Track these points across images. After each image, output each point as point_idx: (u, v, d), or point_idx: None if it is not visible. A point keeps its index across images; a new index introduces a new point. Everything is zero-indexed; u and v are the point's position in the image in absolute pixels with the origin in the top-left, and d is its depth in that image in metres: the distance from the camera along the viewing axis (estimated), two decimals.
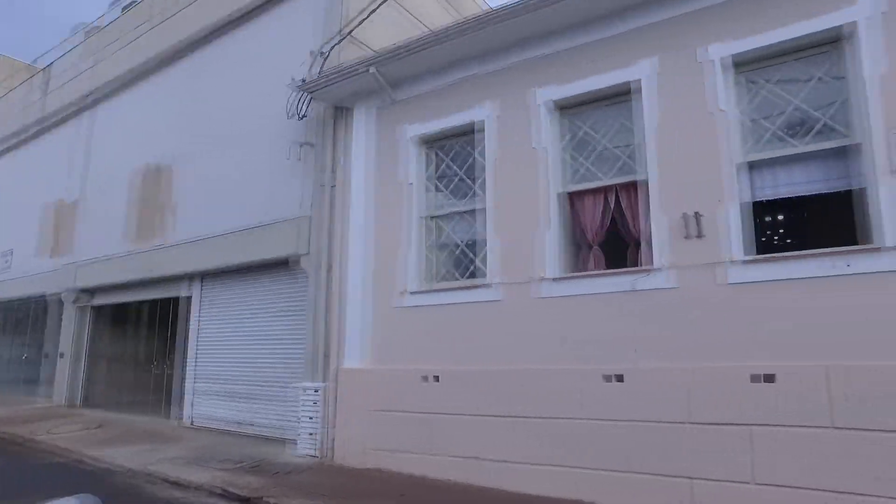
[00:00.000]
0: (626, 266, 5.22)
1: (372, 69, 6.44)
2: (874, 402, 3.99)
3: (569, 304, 5.25)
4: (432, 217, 6.56)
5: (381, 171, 6.81)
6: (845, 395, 4.08)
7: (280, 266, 7.82)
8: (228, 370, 8.58)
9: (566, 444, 5.03)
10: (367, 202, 6.82)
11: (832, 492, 4.01)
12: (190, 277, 9.38)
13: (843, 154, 4.52)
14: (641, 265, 5.04)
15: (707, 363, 4.57)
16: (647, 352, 4.83)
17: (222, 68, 9.45)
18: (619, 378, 4.90)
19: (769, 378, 4.34)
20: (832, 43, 4.64)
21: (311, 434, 6.72)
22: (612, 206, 5.35)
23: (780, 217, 8.36)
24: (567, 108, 5.71)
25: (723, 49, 4.85)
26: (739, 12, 4.85)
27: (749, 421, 4.36)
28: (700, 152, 4.82)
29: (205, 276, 9.22)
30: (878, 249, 4.16)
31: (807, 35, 4.61)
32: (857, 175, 4.43)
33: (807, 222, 7.80)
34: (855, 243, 4.36)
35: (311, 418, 6.75)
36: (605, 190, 5.42)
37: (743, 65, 4.89)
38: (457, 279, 6.25)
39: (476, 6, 10.36)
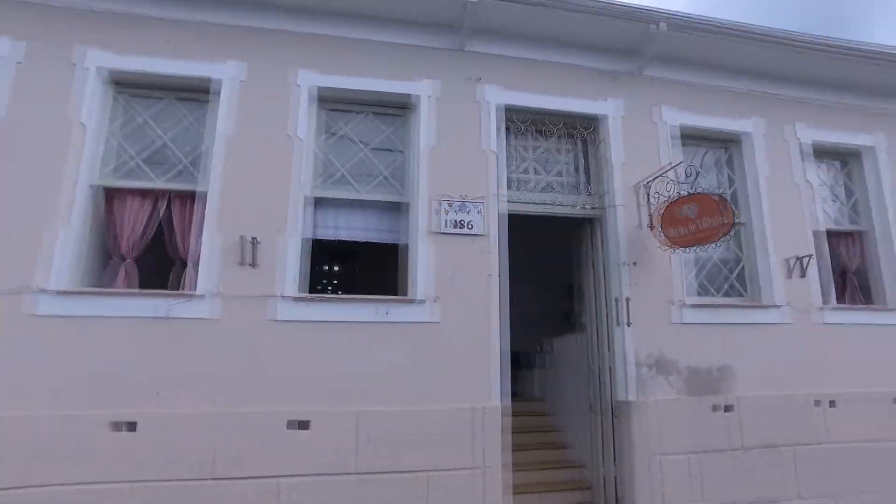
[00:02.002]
0: (168, 288, 4.35)
1: None
2: (390, 445, 4.19)
3: (80, 327, 3.95)
4: None
5: None
6: (368, 439, 4.16)
7: None
8: None
9: None
10: None
11: None
12: None
13: (398, 210, 4.85)
14: (186, 289, 4.26)
15: (244, 408, 4.05)
16: (175, 393, 3.99)
17: None
18: (132, 426, 3.90)
19: (304, 425, 4.10)
20: (403, 108, 5.03)
21: None
22: (162, 215, 4.45)
23: (338, 259, 8.84)
24: (126, 86, 4.59)
25: (311, 78, 4.71)
26: (330, 49, 4.84)
27: (279, 472, 3.99)
28: (270, 176, 4.45)
29: None
30: (412, 301, 4.49)
31: (384, 93, 4.89)
32: (406, 231, 4.78)
33: (362, 268, 8.41)
34: (402, 293, 4.66)
35: None
36: (155, 194, 4.47)
37: (328, 101, 4.85)
38: None
39: None
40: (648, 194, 5.14)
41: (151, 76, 4.53)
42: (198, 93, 4.63)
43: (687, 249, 4.87)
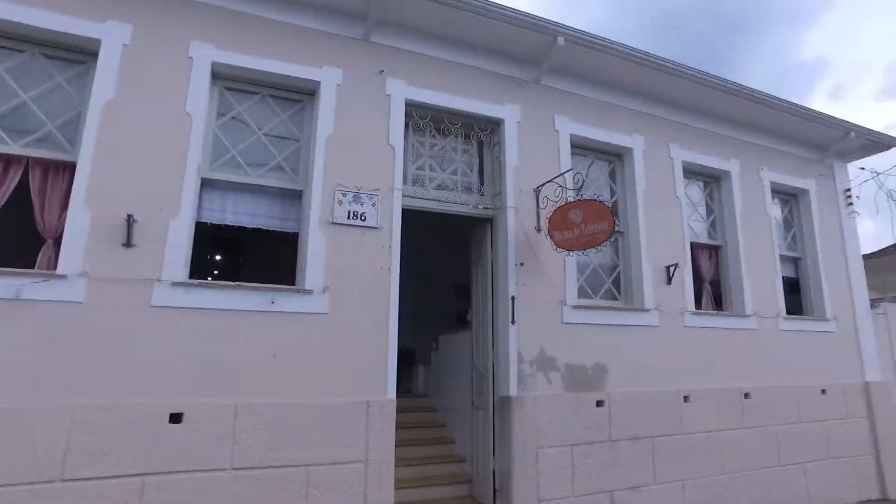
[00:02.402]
0: (34, 267, 3.85)
1: None
2: (271, 438, 4.04)
3: None
4: None
5: None
6: (247, 432, 3.98)
7: None
8: None
9: None
10: None
11: None
12: None
13: (292, 197, 4.72)
14: (56, 269, 3.77)
15: (108, 400, 3.68)
16: (25, 385, 3.54)
17: None
18: None
19: (176, 418, 3.82)
20: (305, 94, 4.89)
21: None
22: (35, 187, 3.96)
23: (225, 245, 8.42)
24: None
25: (207, 52, 4.44)
26: (230, 23, 4.60)
27: (145, 470, 3.68)
28: (158, 151, 4.14)
29: None
30: (301, 291, 4.37)
31: (287, 76, 4.72)
32: (299, 219, 4.66)
33: (252, 255, 8.05)
34: (291, 282, 4.50)
35: None
36: (12, 160, 3.95)
37: (225, 78, 4.61)
38: None
39: None
40: (547, 198, 5.35)
41: (21, 27, 4.01)
42: (76, 52, 4.22)
43: (572, 252, 5.14)
